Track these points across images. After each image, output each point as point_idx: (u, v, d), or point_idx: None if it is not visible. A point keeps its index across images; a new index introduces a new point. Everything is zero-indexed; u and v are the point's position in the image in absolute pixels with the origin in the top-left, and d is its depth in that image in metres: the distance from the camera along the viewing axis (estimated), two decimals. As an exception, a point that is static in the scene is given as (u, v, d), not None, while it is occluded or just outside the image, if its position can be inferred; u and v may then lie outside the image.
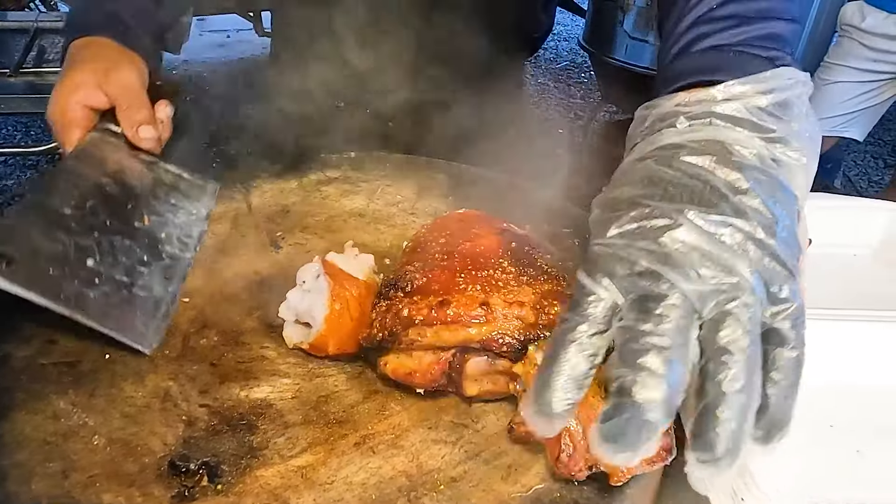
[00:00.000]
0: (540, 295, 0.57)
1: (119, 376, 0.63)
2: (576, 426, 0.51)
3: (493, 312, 0.56)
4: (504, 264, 0.61)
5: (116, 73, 0.78)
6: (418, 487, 0.54)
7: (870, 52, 2.40)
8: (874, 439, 0.66)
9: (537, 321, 0.56)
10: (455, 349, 0.58)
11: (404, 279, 0.62)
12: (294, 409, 0.61)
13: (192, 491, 0.53)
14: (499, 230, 0.67)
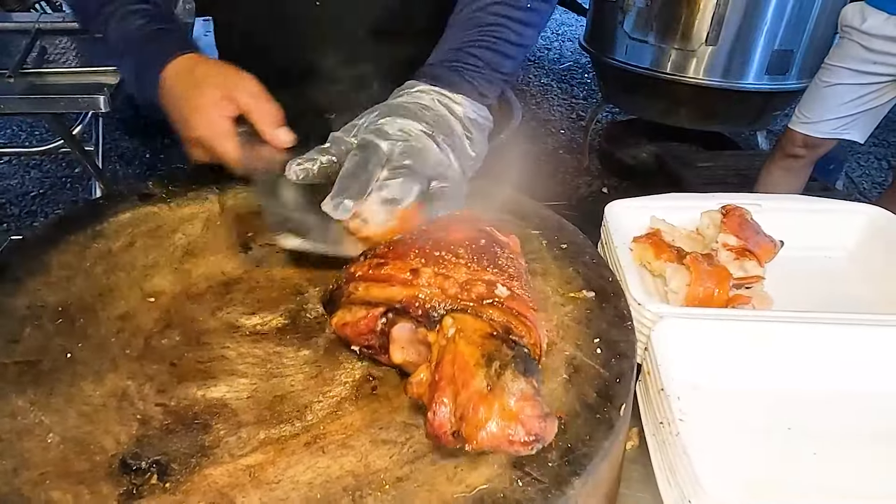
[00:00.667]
0: (474, 278, 0.58)
1: (79, 376, 0.64)
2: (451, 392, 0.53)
3: (418, 278, 0.60)
4: (460, 251, 0.63)
5: (241, 83, 0.83)
6: (363, 487, 0.54)
7: (870, 54, 2.38)
8: (831, 442, 0.66)
9: (457, 295, 0.57)
10: (384, 309, 0.60)
11: (372, 249, 0.66)
12: (249, 408, 0.62)
13: (140, 489, 0.54)
14: (478, 229, 0.68)
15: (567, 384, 0.64)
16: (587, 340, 0.69)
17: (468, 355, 0.54)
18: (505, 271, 0.62)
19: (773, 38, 3.16)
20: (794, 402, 0.70)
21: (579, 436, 0.58)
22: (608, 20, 3.46)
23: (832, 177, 3.51)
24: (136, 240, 0.84)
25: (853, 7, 2.40)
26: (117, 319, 0.72)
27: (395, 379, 0.65)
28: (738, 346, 0.72)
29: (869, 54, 2.38)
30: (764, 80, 3.27)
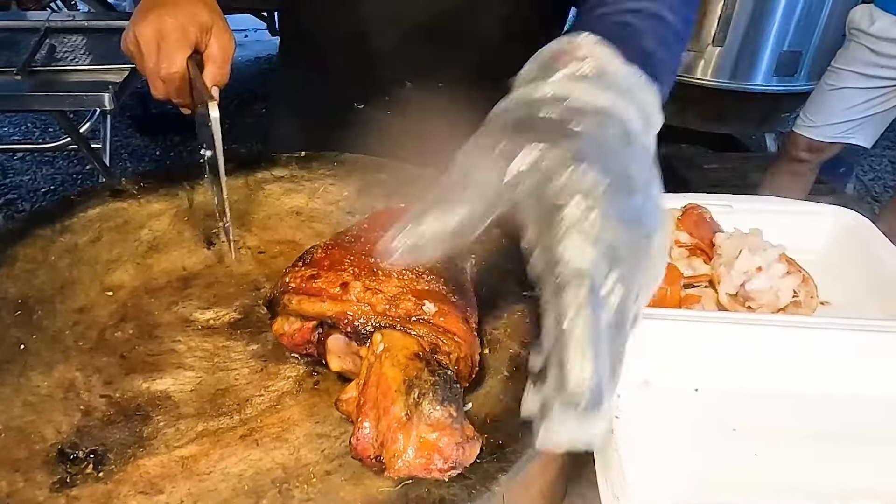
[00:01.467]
0: (406, 290, 0.59)
1: (29, 366, 0.66)
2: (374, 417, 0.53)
3: (348, 294, 0.60)
4: None
5: (223, 32, 0.85)
6: (291, 480, 0.55)
7: (877, 58, 2.34)
8: (774, 442, 0.65)
9: (385, 312, 0.58)
10: (317, 321, 0.61)
11: (310, 252, 0.67)
12: (191, 401, 0.63)
13: (74, 478, 0.55)
14: None
15: (506, 382, 0.64)
16: (534, 339, 0.70)
17: (391, 379, 0.54)
18: (441, 276, 0.62)
19: (783, 39, 3.14)
20: (742, 402, 0.70)
21: (510, 433, 0.59)
22: (616, 21, 3.44)
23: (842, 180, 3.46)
24: (103, 234, 0.85)
25: (861, 9, 2.37)
26: (74, 312, 0.73)
27: (337, 374, 0.66)
28: (688, 346, 0.72)
29: (876, 57, 2.34)
30: (772, 81, 3.24)
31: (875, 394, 0.71)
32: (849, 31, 2.44)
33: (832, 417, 0.68)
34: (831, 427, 0.67)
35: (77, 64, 2.33)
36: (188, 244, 0.85)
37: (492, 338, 0.70)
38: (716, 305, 0.81)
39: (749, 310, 0.79)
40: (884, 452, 0.66)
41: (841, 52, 2.45)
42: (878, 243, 0.88)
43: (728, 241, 0.83)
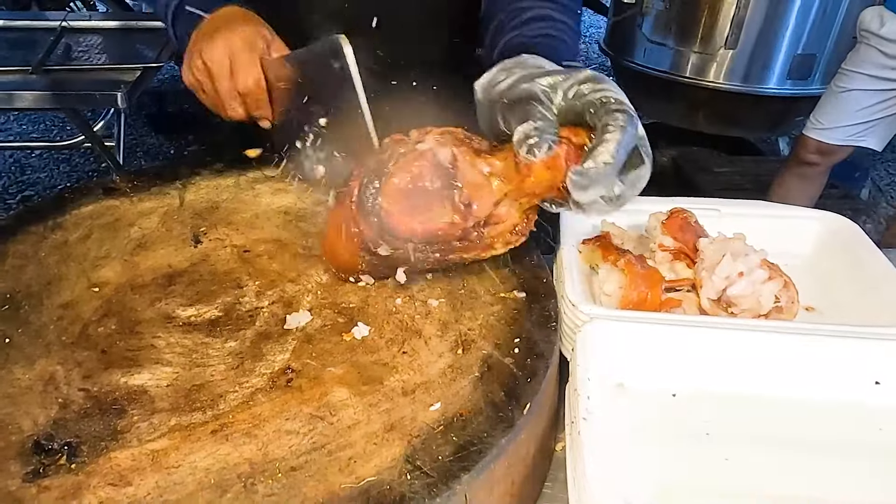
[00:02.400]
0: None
1: (11, 359, 0.67)
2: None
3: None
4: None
5: (281, 46, 0.87)
6: (257, 475, 0.56)
7: (888, 60, 2.31)
8: (746, 448, 0.65)
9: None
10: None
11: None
12: (166, 396, 0.64)
13: (46, 469, 0.57)
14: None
15: (477, 382, 0.65)
16: (507, 340, 0.70)
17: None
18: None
19: (797, 41, 3.10)
20: (719, 407, 0.69)
21: (477, 433, 0.59)
22: (627, 23, 3.43)
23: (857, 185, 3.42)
24: (93, 232, 0.87)
25: (871, 11, 2.34)
26: (59, 307, 0.75)
27: (311, 372, 0.67)
28: (666, 350, 0.72)
29: (887, 60, 2.31)
30: (786, 84, 3.20)
31: (854, 401, 0.71)
32: (859, 33, 2.41)
33: (810, 424, 0.68)
34: (808, 434, 0.67)
35: (92, 63, 2.36)
36: (175, 242, 0.86)
37: (466, 338, 0.70)
38: (697, 310, 0.81)
39: (731, 315, 0.79)
40: (860, 462, 0.65)
41: (851, 55, 2.42)
42: (864, 248, 0.87)
43: (711, 245, 0.83)
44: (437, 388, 0.65)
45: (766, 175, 3.02)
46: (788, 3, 3.00)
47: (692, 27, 3.17)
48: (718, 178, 3.22)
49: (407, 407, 0.62)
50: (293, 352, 0.69)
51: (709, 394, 0.72)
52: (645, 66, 3.39)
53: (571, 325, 0.78)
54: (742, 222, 0.93)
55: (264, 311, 0.75)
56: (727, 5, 3.04)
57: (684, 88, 3.31)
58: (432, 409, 0.62)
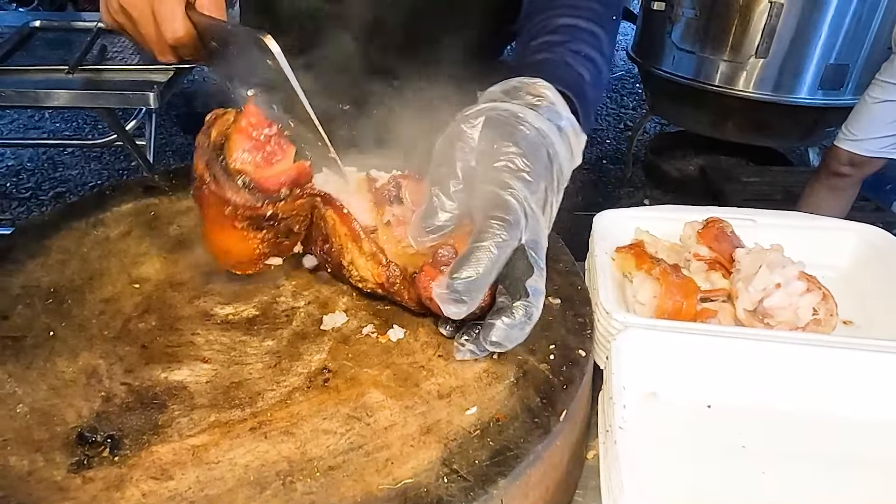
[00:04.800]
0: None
1: (56, 352, 0.69)
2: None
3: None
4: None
5: None
6: (295, 473, 0.57)
7: (923, 71, 2.29)
8: (782, 462, 0.65)
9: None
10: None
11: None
12: (205, 392, 0.65)
13: (90, 460, 0.58)
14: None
15: (513, 387, 0.65)
16: (543, 346, 0.70)
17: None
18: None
19: (829, 51, 3.07)
20: (755, 420, 0.69)
21: (513, 438, 0.59)
22: (656, 30, 3.41)
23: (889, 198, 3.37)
24: (134, 229, 0.89)
25: (908, 22, 2.31)
26: (101, 302, 0.76)
27: (348, 372, 0.67)
28: (702, 361, 0.71)
29: (923, 71, 2.28)
30: (817, 94, 3.17)
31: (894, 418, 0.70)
32: (894, 44, 2.38)
33: (848, 440, 0.67)
34: (846, 450, 0.66)
35: (125, 63, 2.41)
36: (214, 241, 0.87)
37: (501, 343, 0.71)
38: (733, 321, 0.81)
39: (767, 326, 0.79)
40: (898, 478, 0.65)
41: (886, 66, 2.39)
42: (904, 262, 0.86)
43: (747, 256, 0.82)
44: (472, 392, 0.65)
45: (796, 186, 2.99)
46: (821, 13, 2.98)
47: (723, 35, 3.15)
48: (747, 188, 3.19)
49: (443, 410, 0.63)
50: (329, 352, 0.70)
51: (744, 406, 0.71)
52: (673, 73, 3.38)
53: (605, 333, 0.78)
54: (778, 233, 0.92)
55: (300, 311, 0.76)
56: (759, 14, 3.02)
57: (713, 97, 3.29)
58: (468, 413, 0.62)
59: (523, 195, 0.63)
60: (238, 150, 0.68)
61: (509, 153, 0.66)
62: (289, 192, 0.72)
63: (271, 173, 0.70)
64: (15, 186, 3.52)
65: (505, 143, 0.66)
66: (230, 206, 0.69)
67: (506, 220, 0.61)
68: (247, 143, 0.69)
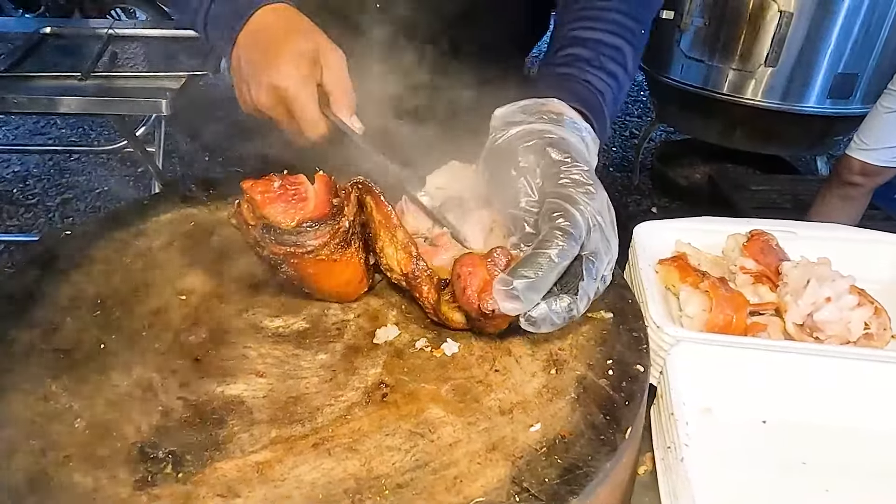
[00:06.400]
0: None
1: (109, 365, 0.68)
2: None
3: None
4: None
5: (332, 55, 0.85)
6: (364, 491, 0.56)
7: (937, 81, 2.29)
8: (845, 479, 0.64)
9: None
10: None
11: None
12: (263, 407, 0.65)
13: (154, 477, 0.57)
14: None
15: (574, 403, 0.64)
16: (600, 361, 0.70)
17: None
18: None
19: (838, 60, 3.07)
20: (812, 436, 0.69)
21: (581, 456, 0.59)
22: (664, 39, 3.42)
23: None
24: (175, 239, 0.88)
25: (922, 32, 2.32)
26: (149, 314, 0.75)
27: (405, 387, 0.67)
28: (756, 376, 0.71)
29: (937, 81, 2.29)
30: (826, 103, 3.17)
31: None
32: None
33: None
34: (906, 465, 0.66)
35: (137, 70, 2.40)
36: (256, 252, 0.86)
37: (557, 358, 0.70)
38: (782, 334, 0.80)
39: (817, 340, 0.78)
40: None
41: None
42: (950, 276, 0.86)
43: (795, 269, 0.82)
44: (534, 408, 0.64)
45: (805, 194, 3.00)
46: (830, 22, 2.98)
47: (731, 44, 3.15)
48: (755, 196, 3.19)
49: (506, 426, 0.62)
50: (384, 366, 0.70)
51: (800, 422, 0.71)
52: (682, 81, 3.38)
53: (655, 348, 0.77)
54: (819, 245, 0.92)
55: (351, 324, 0.75)
56: (768, 23, 3.02)
57: (721, 105, 3.29)
58: (532, 429, 0.62)
59: (589, 210, 0.63)
60: (278, 215, 0.70)
61: (569, 169, 0.67)
62: (340, 199, 0.72)
63: (315, 200, 0.71)
64: (22, 192, 3.50)
65: (562, 158, 0.68)
66: (319, 250, 0.70)
67: (569, 232, 0.62)
68: (278, 206, 0.71)
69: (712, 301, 0.79)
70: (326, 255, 0.71)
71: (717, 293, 0.79)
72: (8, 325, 0.71)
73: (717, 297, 0.79)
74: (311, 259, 0.71)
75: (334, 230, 0.70)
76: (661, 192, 3.80)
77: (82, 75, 2.34)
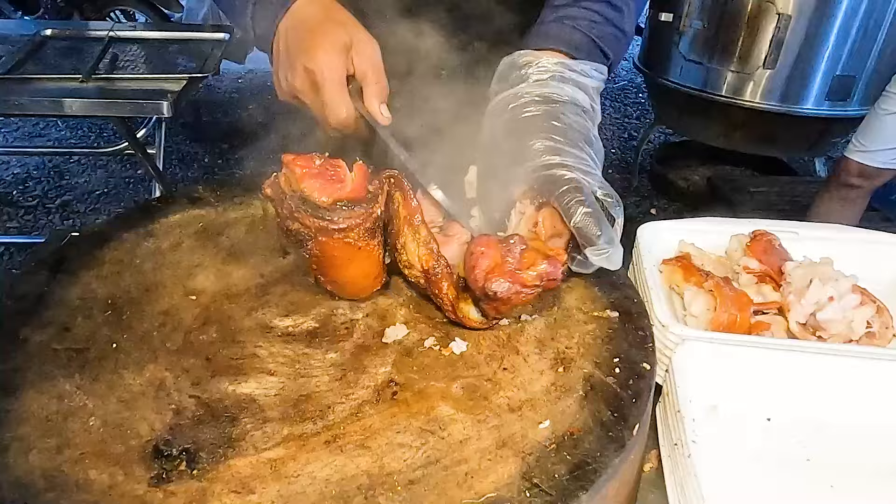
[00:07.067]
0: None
1: (121, 364, 0.69)
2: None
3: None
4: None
5: (367, 45, 0.86)
6: (376, 487, 0.57)
7: (935, 84, 2.31)
8: (849, 475, 0.65)
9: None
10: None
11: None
12: (275, 405, 0.65)
13: (169, 474, 0.58)
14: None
15: (582, 401, 0.65)
16: (607, 359, 0.70)
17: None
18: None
19: (836, 62, 3.09)
20: (816, 433, 0.70)
21: (590, 452, 0.60)
22: (664, 41, 3.43)
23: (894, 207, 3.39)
24: (184, 240, 0.89)
25: (920, 34, 2.33)
26: (160, 314, 0.76)
27: (415, 385, 0.68)
28: (760, 374, 0.72)
29: (935, 83, 2.30)
30: (824, 105, 3.19)
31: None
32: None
33: (909, 451, 0.68)
34: (908, 461, 0.67)
35: (138, 72, 2.41)
36: (264, 252, 0.87)
37: (564, 356, 0.71)
38: (785, 333, 0.81)
39: (820, 339, 0.79)
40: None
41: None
42: (952, 275, 0.87)
43: (798, 269, 0.83)
44: (542, 405, 0.65)
45: (803, 195, 3.01)
46: (828, 24, 3.00)
47: (730, 46, 3.17)
48: (754, 198, 3.20)
49: (515, 424, 0.63)
50: (394, 365, 0.70)
51: (804, 419, 0.72)
52: (681, 84, 3.39)
53: (660, 346, 0.78)
54: (821, 245, 0.93)
55: (360, 324, 0.76)
56: (767, 25, 3.04)
57: (720, 107, 3.31)
58: (542, 426, 0.62)
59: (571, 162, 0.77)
60: (314, 190, 0.70)
61: (540, 136, 0.78)
62: (375, 187, 0.73)
63: (351, 184, 0.71)
64: (21, 194, 3.50)
65: (542, 125, 0.79)
66: (349, 231, 0.71)
67: (573, 189, 0.74)
68: (316, 182, 0.70)
69: (717, 300, 0.80)
70: (354, 239, 0.71)
71: (721, 292, 0.80)
72: (20, 325, 0.72)
73: (721, 296, 0.80)
74: (338, 240, 0.71)
75: (367, 214, 0.71)
76: (660, 194, 3.81)
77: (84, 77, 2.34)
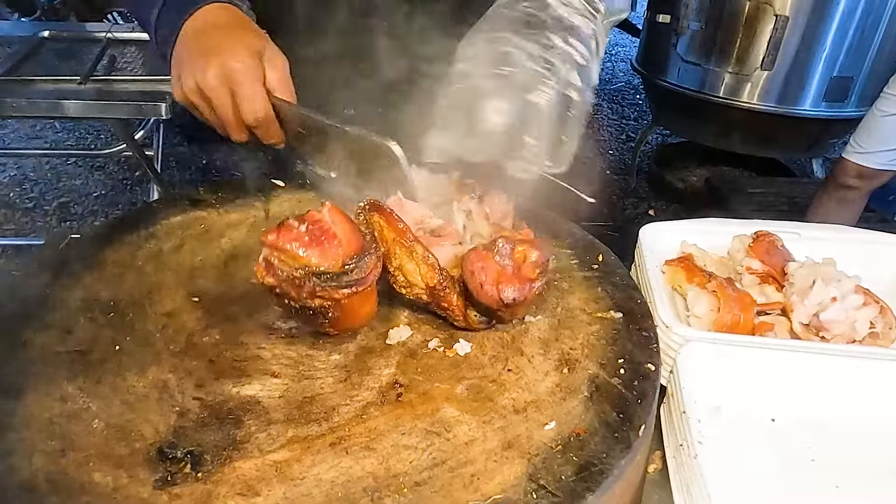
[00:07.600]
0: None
1: (124, 367, 0.68)
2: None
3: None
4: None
5: (276, 59, 0.84)
6: (382, 489, 0.57)
7: (932, 84, 2.31)
8: (854, 475, 0.65)
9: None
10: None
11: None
12: (279, 407, 0.65)
13: (174, 476, 0.57)
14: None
15: (587, 402, 0.65)
16: (612, 360, 0.70)
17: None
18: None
19: (833, 64, 3.10)
20: (820, 433, 0.70)
21: (596, 453, 0.59)
22: (662, 42, 3.44)
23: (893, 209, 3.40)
24: (185, 242, 0.88)
25: (917, 35, 2.34)
26: (163, 316, 0.76)
27: (420, 387, 0.67)
28: (764, 374, 0.72)
29: (932, 84, 2.31)
30: (821, 106, 3.20)
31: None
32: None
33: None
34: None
35: (135, 74, 2.40)
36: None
37: (569, 357, 0.71)
38: (788, 334, 0.81)
39: (823, 339, 0.79)
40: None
41: (894, 79, 2.42)
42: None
43: (801, 270, 0.83)
44: (548, 406, 0.65)
45: (801, 196, 3.02)
46: (826, 26, 3.01)
47: (728, 48, 3.18)
48: (752, 199, 3.21)
49: (521, 425, 0.63)
50: (398, 366, 0.70)
51: (808, 419, 0.72)
52: (678, 85, 3.40)
53: (664, 347, 0.78)
54: (823, 246, 0.93)
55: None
56: (765, 26, 3.04)
57: (718, 108, 3.31)
58: (547, 427, 0.62)
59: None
60: (319, 259, 0.63)
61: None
62: (359, 222, 0.71)
63: (345, 235, 0.65)
64: (18, 196, 3.49)
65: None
66: (369, 282, 0.66)
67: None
68: (315, 251, 0.63)
69: (720, 301, 0.80)
70: (372, 285, 0.67)
71: (724, 293, 0.80)
72: (22, 328, 0.72)
73: (724, 297, 0.80)
74: (360, 292, 0.66)
75: (378, 257, 0.67)
76: (658, 195, 3.82)
77: (82, 79, 2.33)
